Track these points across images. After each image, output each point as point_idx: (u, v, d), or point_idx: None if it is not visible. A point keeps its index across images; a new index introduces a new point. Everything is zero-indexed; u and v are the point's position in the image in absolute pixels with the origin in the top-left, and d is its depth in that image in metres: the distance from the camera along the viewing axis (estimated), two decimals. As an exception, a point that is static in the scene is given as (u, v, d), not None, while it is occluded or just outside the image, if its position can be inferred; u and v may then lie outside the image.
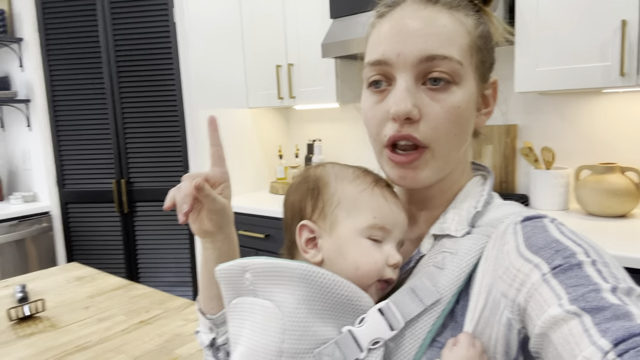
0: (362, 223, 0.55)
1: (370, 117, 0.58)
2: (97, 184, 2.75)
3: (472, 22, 0.56)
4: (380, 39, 0.56)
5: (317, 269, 0.50)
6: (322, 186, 0.58)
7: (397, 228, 0.57)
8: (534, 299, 0.45)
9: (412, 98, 0.53)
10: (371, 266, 0.54)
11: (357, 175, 0.59)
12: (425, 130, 0.54)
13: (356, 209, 0.56)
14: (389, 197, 0.58)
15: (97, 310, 1.33)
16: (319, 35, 2.37)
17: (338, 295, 0.50)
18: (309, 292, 0.50)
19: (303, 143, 2.95)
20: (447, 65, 0.53)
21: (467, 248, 0.53)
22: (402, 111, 0.53)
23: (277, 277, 0.52)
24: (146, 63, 2.61)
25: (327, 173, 0.60)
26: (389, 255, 0.55)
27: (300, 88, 2.52)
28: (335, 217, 0.57)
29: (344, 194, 0.57)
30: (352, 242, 0.55)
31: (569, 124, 1.99)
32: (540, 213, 0.55)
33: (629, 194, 1.73)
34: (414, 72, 0.54)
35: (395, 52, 0.54)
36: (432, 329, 0.50)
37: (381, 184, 0.59)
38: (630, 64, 1.54)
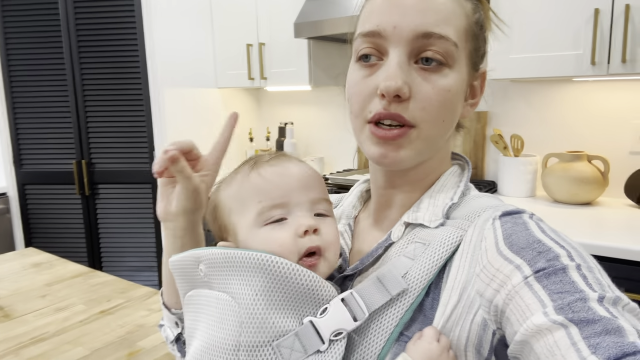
0: (252, 214, 0.53)
1: (356, 91, 0.54)
2: (57, 164, 2.62)
3: (471, 7, 0.54)
4: (374, 10, 0.53)
5: (275, 258, 0.47)
6: (217, 203, 0.58)
7: (294, 192, 0.53)
8: (514, 303, 0.43)
9: (404, 75, 0.51)
10: (279, 250, 0.50)
11: (236, 172, 0.57)
12: (414, 110, 0.51)
13: (243, 206, 0.54)
14: (267, 171, 0.54)
15: (54, 300, 1.27)
16: (292, 14, 2.30)
17: (298, 284, 0.47)
18: (267, 282, 0.47)
19: (274, 126, 2.89)
20: (442, 45, 0.51)
21: (440, 240, 0.51)
22: (393, 87, 0.50)
23: (232, 268, 0.49)
24: (109, 38, 2.48)
25: (218, 187, 0.59)
26: (298, 226, 0.51)
27: (271, 69, 2.45)
28: (232, 225, 0.55)
29: (230, 199, 0.55)
30: (252, 238, 0.52)
31: (538, 112, 2.01)
32: (518, 208, 0.53)
33: (595, 182, 1.76)
34: (408, 48, 0.51)
35: (392, 24, 0.51)
36: (400, 322, 0.48)
37: (260, 163, 0.55)
38: (601, 53, 1.55)
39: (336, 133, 2.64)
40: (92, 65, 2.51)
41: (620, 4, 1.48)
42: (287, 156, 0.57)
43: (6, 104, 2.60)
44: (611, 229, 1.50)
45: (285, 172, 0.54)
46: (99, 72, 2.51)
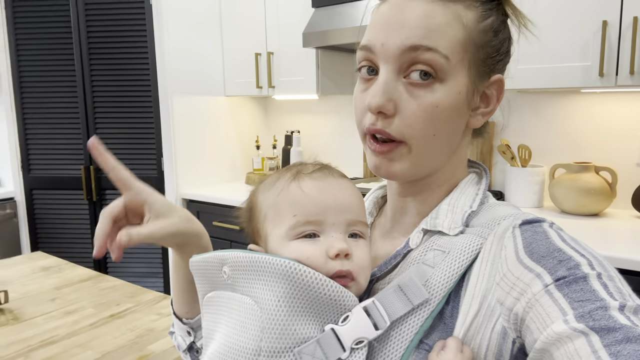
0: (285, 226, 0.52)
1: (356, 104, 0.57)
2: (65, 170, 2.64)
3: (474, 16, 0.52)
4: (372, 24, 0.55)
5: (299, 266, 0.47)
6: (254, 205, 0.58)
7: (332, 211, 0.52)
8: (534, 311, 0.43)
9: (389, 92, 0.51)
10: (306, 263, 0.49)
11: (277, 178, 0.56)
12: (400, 125, 0.52)
13: (278, 216, 0.53)
14: (308, 185, 0.53)
15: (64, 303, 1.27)
16: (301, 24, 2.32)
17: (321, 293, 0.47)
18: (291, 289, 0.47)
19: (281, 134, 2.90)
20: (430, 57, 0.50)
21: (460, 248, 0.51)
22: (374, 105, 0.51)
23: (257, 272, 0.49)
24: (119, 46, 2.51)
25: (257, 189, 0.58)
26: (328, 247, 0.50)
27: (279, 77, 2.47)
28: (265, 231, 0.55)
29: (267, 205, 0.55)
30: (281, 250, 0.52)
31: (546, 123, 2.01)
32: (538, 217, 0.53)
33: (602, 193, 1.76)
34: (396, 64, 0.52)
35: (380, 41, 0.52)
36: (420, 330, 0.48)
37: (302, 175, 0.54)
38: (609, 64, 1.56)
39: (342, 141, 2.65)
40: (102, 72, 2.53)
41: (629, 17, 1.50)
42: (330, 170, 0.56)
43: (16, 109, 2.63)
44: (619, 240, 1.50)
45: (326, 188, 0.53)
46: (109, 78, 2.54)
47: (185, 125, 2.54)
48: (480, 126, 0.59)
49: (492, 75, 0.56)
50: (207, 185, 2.68)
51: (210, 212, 2.43)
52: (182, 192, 2.53)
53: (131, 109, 2.56)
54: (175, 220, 0.61)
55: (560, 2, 1.63)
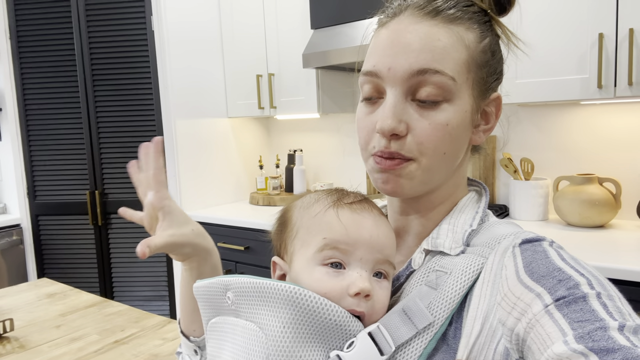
0: (313, 248, 0.52)
1: (361, 127, 0.57)
2: (70, 195, 2.66)
3: (474, 37, 0.54)
4: (374, 49, 0.55)
5: (304, 291, 0.47)
6: (288, 219, 0.57)
7: (362, 247, 0.51)
8: (535, 331, 0.43)
9: (399, 114, 0.52)
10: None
11: (317, 199, 0.56)
12: (411, 145, 0.53)
13: (309, 236, 0.53)
14: (346, 214, 0.53)
15: (69, 330, 1.27)
16: (300, 45, 2.35)
17: (326, 319, 0.47)
18: (296, 315, 0.47)
19: (284, 153, 2.92)
20: (438, 80, 0.51)
21: (462, 268, 0.51)
22: (387, 128, 0.52)
23: (261, 298, 0.49)
24: (123, 72, 2.55)
25: (295, 204, 0.58)
26: (350, 284, 0.49)
27: (281, 98, 2.49)
28: (293, 249, 0.54)
29: (301, 224, 0.55)
30: (305, 273, 0.52)
31: (547, 135, 2.02)
32: (538, 235, 0.52)
33: (607, 204, 1.75)
34: (404, 87, 0.52)
35: (386, 66, 0.53)
36: (424, 353, 0.48)
37: (342, 202, 0.54)
38: (607, 76, 1.56)
39: (345, 160, 2.66)
40: (106, 97, 2.57)
41: (624, 29, 1.51)
42: (370, 204, 0.56)
43: (21, 136, 2.66)
44: (625, 252, 1.48)
45: (362, 222, 0.53)
46: (113, 104, 2.57)
47: (189, 147, 2.56)
48: (481, 142, 0.60)
49: (491, 93, 0.58)
50: (211, 206, 2.68)
51: (214, 233, 2.43)
52: (187, 213, 2.53)
53: (135, 133, 2.59)
54: (187, 232, 0.64)
55: (557, 16, 1.64)
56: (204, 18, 2.62)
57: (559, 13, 1.64)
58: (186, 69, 2.54)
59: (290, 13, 2.39)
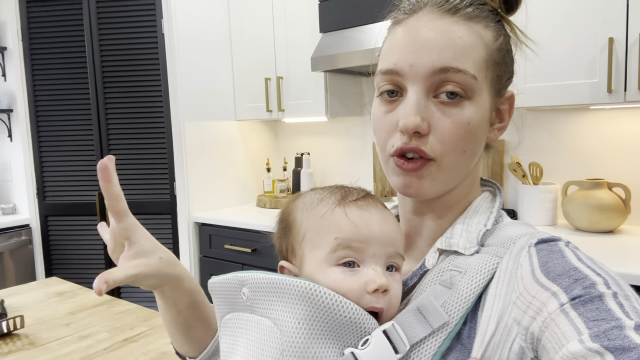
0: (325, 250, 0.51)
1: (379, 126, 0.56)
2: (79, 196, 2.68)
3: (491, 35, 0.54)
4: (393, 47, 0.54)
5: (320, 288, 0.47)
6: (291, 222, 0.56)
7: (374, 242, 0.51)
8: (550, 330, 0.43)
9: (422, 112, 0.52)
10: None
11: (321, 199, 0.55)
12: (434, 144, 0.52)
13: (318, 238, 0.52)
14: (354, 212, 0.53)
15: (78, 328, 1.28)
16: (309, 48, 2.37)
17: (341, 316, 0.47)
18: (311, 312, 0.47)
19: (291, 156, 2.93)
20: (460, 78, 0.51)
21: (477, 268, 0.51)
22: (411, 125, 0.51)
23: (277, 294, 0.49)
24: (133, 74, 2.57)
25: (296, 206, 0.57)
26: (368, 281, 0.50)
27: (289, 101, 2.51)
28: (302, 252, 0.54)
29: (308, 225, 0.54)
30: (320, 275, 0.51)
31: (556, 140, 2.01)
32: (554, 235, 0.52)
33: (616, 209, 1.74)
34: (426, 84, 0.52)
35: (408, 63, 0.52)
36: (438, 352, 0.48)
37: (348, 200, 0.54)
38: (617, 80, 1.56)
39: (352, 163, 2.66)
40: (116, 99, 2.59)
41: (635, 33, 1.51)
42: (374, 199, 0.56)
43: (32, 139, 2.69)
44: (635, 257, 1.47)
45: (370, 218, 0.53)
46: (123, 105, 2.59)
47: (197, 149, 2.57)
48: (496, 140, 0.60)
49: (504, 92, 0.58)
50: (219, 209, 2.69)
51: (222, 235, 2.44)
52: (194, 215, 2.55)
53: (144, 135, 2.60)
54: (153, 261, 0.60)
55: (567, 20, 1.64)
56: (213, 21, 2.64)
57: (569, 17, 1.64)
58: (195, 71, 2.55)
59: (299, 16, 2.40)
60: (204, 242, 2.55)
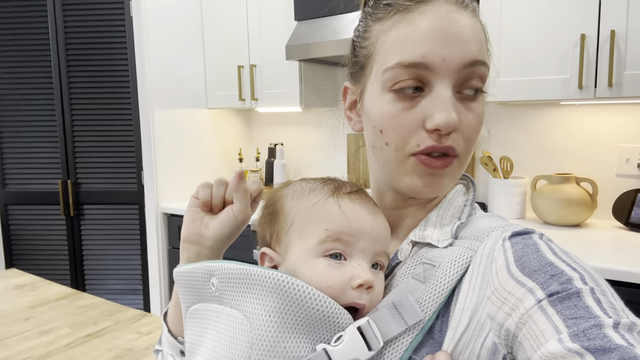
0: (313, 240, 0.50)
1: (396, 125, 0.51)
2: (41, 184, 2.58)
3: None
4: (414, 38, 0.50)
5: (293, 280, 0.46)
6: (279, 209, 0.55)
7: (363, 238, 0.50)
8: (527, 327, 0.42)
9: (455, 108, 0.50)
10: (325, 291, 0.47)
11: (313, 189, 0.54)
12: (459, 140, 0.52)
13: (307, 227, 0.51)
14: (347, 204, 0.52)
15: (38, 322, 1.22)
16: (283, 36, 2.32)
17: (314, 309, 0.45)
18: (282, 304, 0.45)
19: (264, 146, 2.89)
20: (483, 72, 0.52)
21: (450, 261, 0.50)
22: (452, 122, 0.49)
23: (247, 285, 0.47)
24: (99, 58, 2.47)
25: (285, 193, 0.56)
26: (354, 275, 0.48)
27: (263, 90, 2.46)
28: (288, 240, 0.52)
29: (297, 213, 0.53)
30: (304, 265, 0.50)
31: (527, 135, 2.04)
32: (527, 228, 0.52)
33: (583, 203, 1.78)
34: (455, 79, 0.50)
35: (440, 57, 0.49)
36: (410, 347, 0.47)
37: (341, 192, 0.53)
38: (588, 77, 1.58)
39: (326, 154, 2.64)
40: (81, 84, 2.49)
41: (606, 30, 1.53)
42: (367, 196, 0.55)
43: (-9, 123, 2.56)
44: (601, 251, 1.51)
45: (363, 213, 0.52)
46: (88, 91, 2.50)
47: (167, 138, 2.50)
48: None
49: None
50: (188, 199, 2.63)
51: (192, 227, 2.39)
52: (163, 206, 2.48)
53: (110, 122, 2.52)
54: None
55: (539, 16, 1.66)
56: (185, 5, 2.56)
57: (542, 13, 1.65)
58: (165, 57, 2.48)
59: (274, 4, 2.35)
60: (173, 233, 2.49)
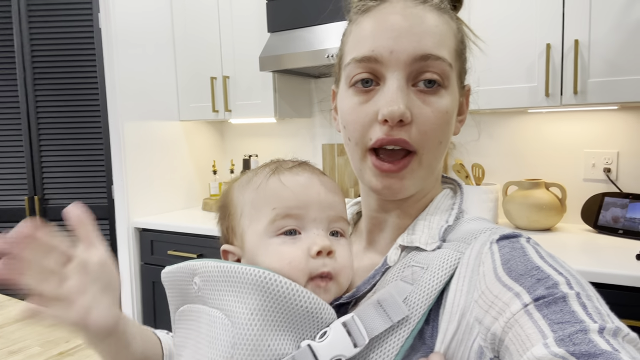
0: (264, 222, 0.50)
1: (354, 119, 0.53)
2: (7, 201, 2.48)
3: (456, 26, 0.55)
4: (367, 34, 0.52)
5: (274, 276, 0.45)
6: (228, 202, 0.55)
7: (313, 206, 0.50)
8: (513, 331, 0.42)
9: (405, 99, 0.50)
10: (287, 267, 0.48)
11: (254, 174, 0.55)
12: (416, 134, 0.51)
13: (256, 211, 0.51)
14: (289, 179, 0.52)
15: (7, 342, 1.17)
16: (257, 48, 2.32)
17: (297, 306, 0.45)
18: (265, 302, 0.45)
19: (238, 158, 2.87)
20: (439, 66, 0.51)
21: (438, 264, 0.50)
22: (397, 112, 0.49)
23: (228, 284, 0.46)
24: (67, 70, 2.42)
25: (232, 187, 0.56)
26: (311, 245, 0.49)
27: (236, 101, 2.45)
28: (241, 229, 0.53)
29: (244, 201, 0.53)
30: (261, 248, 0.50)
31: (496, 142, 2.09)
32: (515, 231, 0.53)
33: (553, 208, 1.83)
34: (406, 72, 0.51)
35: (388, 49, 0.50)
36: (401, 351, 0.47)
37: (282, 168, 0.53)
38: (554, 85, 1.64)
39: (301, 165, 2.63)
40: (48, 98, 2.43)
41: (570, 40, 1.59)
42: (310, 166, 0.55)
43: (-48, 138, 2.46)
44: (572, 253, 1.55)
45: (307, 183, 0.52)
46: (55, 104, 2.43)
47: (137, 151, 2.46)
48: (459, 133, 0.60)
49: (464, 84, 0.59)
50: (161, 213, 2.58)
51: (165, 241, 2.34)
52: (134, 220, 2.43)
53: (79, 135, 2.46)
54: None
55: (506, 27, 1.71)
56: (155, 16, 2.53)
57: (509, 22, 1.71)
58: (135, 68, 2.44)
59: (246, 15, 2.35)
60: (145, 248, 2.43)
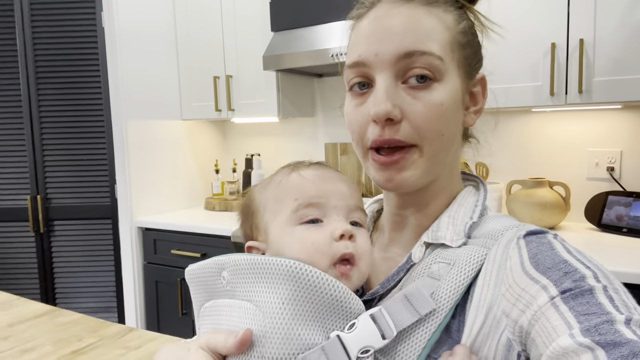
0: (287, 212, 0.52)
1: (353, 121, 0.55)
2: (9, 200, 2.47)
3: (452, 18, 0.55)
4: (357, 40, 0.55)
5: (306, 266, 0.46)
6: (250, 202, 0.58)
7: (333, 196, 0.53)
8: (540, 324, 0.42)
9: (392, 98, 0.51)
10: (311, 250, 0.50)
11: (274, 175, 0.58)
12: (408, 130, 0.52)
13: (278, 203, 0.54)
14: (309, 173, 0.55)
15: (18, 341, 1.17)
16: (260, 47, 2.32)
17: (327, 295, 0.46)
18: (296, 292, 0.45)
19: (241, 157, 2.86)
20: (426, 60, 0.51)
21: (465, 259, 0.51)
22: (382, 112, 0.50)
23: (258, 275, 0.47)
24: (69, 70, 2.41)
25: (253, 190, 0.59)
26: (334, 229, 0.51)
27: (239, 100, 2.45)
28: (265, 224, 0.54)
29: (266, 198, 0.55)
30: (284, 236, 0.52)
31: (501, 141, 2.10)
32: (542, 228, 0.53)
33: (557, 207, 1.84)
34: (393, 71, 0.52)
35: (373, 52, 0.52)
36: (428, 344, 0.47)
37: (300, 167, 0.56)
38: (559, 84, 1.65)
39: (303, 164, 2.63)
40: (51, 97, 2.42)
41: (575, 39, 1.60)
42: (327, 165, 0.58)
43: (-47, 137, 2.45)
44: (578, 250, 1.56)
45: (326, 176, 0.55)
46: (58, 103, 2.42)
47: (140, 150, 2.45)
48: (473, 124, 0.60)
49: (475, 74, 0.59)
50: (164, 212, 2.58)
51: (168, 240, 2.34)
52: (138, 220, 2.42)
53: (82, 134, 2.45)
54: None
55: (511, 26, 1.72)
56: (158, 15, 2.53)
57: (513, 23, 1.71)
58: (138, 68, 2.43)
59: (250, 15, 2.35)
60: (148, 247, 2.43)
